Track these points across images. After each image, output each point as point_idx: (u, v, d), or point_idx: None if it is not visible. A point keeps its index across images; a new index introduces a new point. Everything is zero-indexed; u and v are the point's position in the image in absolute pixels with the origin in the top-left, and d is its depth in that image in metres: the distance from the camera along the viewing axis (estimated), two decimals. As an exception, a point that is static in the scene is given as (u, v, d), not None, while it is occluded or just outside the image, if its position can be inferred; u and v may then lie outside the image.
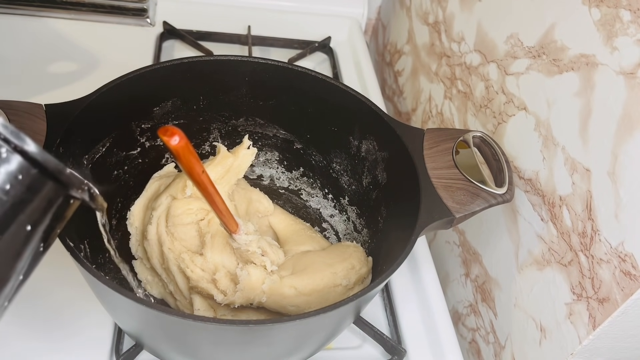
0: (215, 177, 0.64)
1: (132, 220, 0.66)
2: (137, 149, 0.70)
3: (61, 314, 0.62)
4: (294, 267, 0.62)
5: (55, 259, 0.64)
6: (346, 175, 0.75)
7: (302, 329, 0.51)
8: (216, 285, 0.59)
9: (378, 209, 0.70)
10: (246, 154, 0.66)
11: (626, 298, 0.50)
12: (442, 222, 0.57)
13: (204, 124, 0.74)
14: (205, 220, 0.63)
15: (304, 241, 0.68)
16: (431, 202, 0.58)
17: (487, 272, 0.74)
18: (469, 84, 0.80)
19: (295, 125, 0.75)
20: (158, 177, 0.70)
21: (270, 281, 0.59)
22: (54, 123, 0.56)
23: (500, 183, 0.61)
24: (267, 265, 0.59)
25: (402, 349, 0.64)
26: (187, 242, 0.62)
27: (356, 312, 0.58)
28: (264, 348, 0.53)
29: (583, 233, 0.56)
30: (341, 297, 0.62)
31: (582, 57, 0.57)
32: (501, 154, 0.63)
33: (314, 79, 0.69)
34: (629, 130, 0.50)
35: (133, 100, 0.65)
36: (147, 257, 0.64)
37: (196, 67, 0.67)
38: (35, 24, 0.97)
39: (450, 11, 0.87)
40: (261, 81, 0.70)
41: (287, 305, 0.60)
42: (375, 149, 0.68)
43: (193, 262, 0.60)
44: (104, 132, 0.64)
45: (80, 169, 0.61)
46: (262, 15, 1.06)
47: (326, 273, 0.61)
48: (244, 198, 0.69)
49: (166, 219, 0.62)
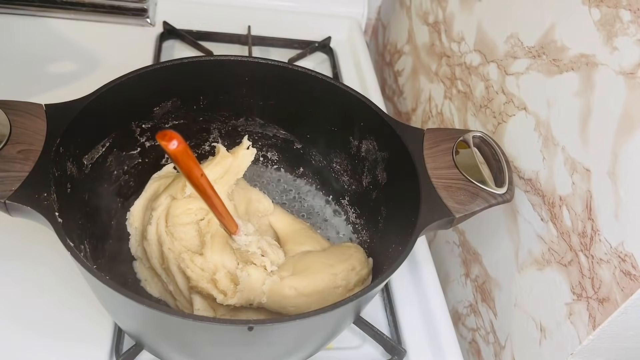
0: (215, 177, 0.64)
1: (132, 221, 0.66)
2: (137, 149, 0.70)
3: (61, 314, 0.62)
4: (294, 267, 0.62)
5: (55, 258, 0.65)
6: (346, 175, 0.75)
7: (302, 328, 0.51)
8: (216, 285, 0.59)
9: (378, 209, 0.70)
10: (245, 154, 0.66)
11: (626, 298, 0.50)
12: (442, 222, 0.57)
13: (204, 124, 0.74)
14: (205, 220, 0.63)
15: (305, 241, 0.68)
16: (431, 202, 0.58)
17: (487, 272, 0.74)
18: (469, 84, 0.80)
19: (295, 125, 0.75)
20: (157, 178, 0.69)
21: (271, 282, 0.59)
22: (54, 123, 0.56)
23: (500, 183, 0.61)
24: (267, 265, 0.59)
25: (402, 349, 0.64)
26: (187, 242, 0.62)
27: (356, 312, 0.58)
28: (264, 348, 0.53)
29: (583, 233, 0.56)
30: (341, 298, 0.61)
31: (582, 57, 0.56)
32: (501, 154, 0.63)
33: (314, 79, 0.69)
34: (629, 130, 0.50)
35: (133, 101, 0.65)
36: (147, 257, 0.64)
37: (196, 67, 0.67)
38: (35, 24, 0.97)
39: (450, 11, 0.87)
40: (261, 81, 0.70)
41: (287, 306, 0.60)
42: (375, 149, 0.68)
43: (193, 262, 0.60)
44: (104, 132, 0.64)
45: (81, 169, 0.61)
46: (262, 15, 1.06)
47: (326, 274, 0.61)
48: (244, 198, 0.69)
49: (166, 219, 0.62)
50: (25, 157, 0.53)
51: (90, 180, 0.63)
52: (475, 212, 0.58)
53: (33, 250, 0.67)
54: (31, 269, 0.65)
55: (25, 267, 0.66)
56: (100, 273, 0.47)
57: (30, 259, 0.66)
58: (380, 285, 0.52)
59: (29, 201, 0.50)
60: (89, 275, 0.46)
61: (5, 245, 0.67)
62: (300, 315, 0.47)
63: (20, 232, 0.67)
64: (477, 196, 0.59)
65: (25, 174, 0.52)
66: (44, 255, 0.66)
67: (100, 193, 0.66)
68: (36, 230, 0.55)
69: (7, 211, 0.51)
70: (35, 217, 0.51)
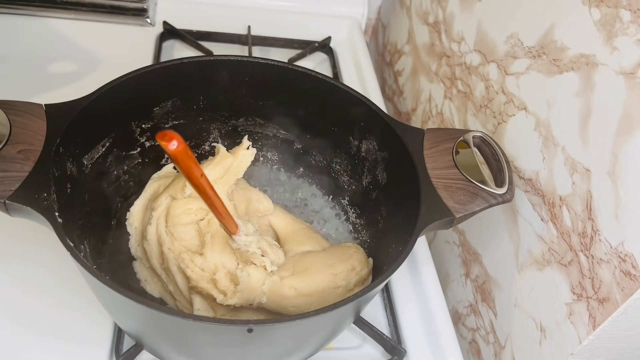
0: (215, 177, 0.64)
1: (132, 221, 0.66)
2: (137, 149, 0.70)
3: (61, 314, 0.62)
4: (294, 267, 0.62)
5: (55, 259, 0.65)
6: (346, 175, 0.75)
7: (302, 328, 0.51)
8: (216, 285, 0.59)
9: (378, 209, 0.70)
10: (245, 154, 0.66)
11: (626, 298, 0.50)
12: (442, 222, 0.57)
13: (203, 124, 0.74)
14: (205, 220, 0.63)
15: (305, 241, 0.68)
16: (431, 202, 0.58)
17: (487, 272, 0.74)
18: (469, 84, 0.80)
19: (295, 125, 0.75)
20: (157, 178, 0.69)
21: (271, 282, 0.59)
22: (54, 123, 0.56)
23: (500, 183, 0.61)
24: (267, 265, 0.59)
25: (402, 349, 0.64)
26: (187, 242, 0.62)
27: (356, 312, 0.58)
28: (264, 348, 0.53)
29: (583, 233, 0.56)
30: (341, 298, 0.61)
31: (582, 57, 0.56)
32: (501, 154, 0.63)
33: (314, 79, 0.69)
34: (629, 130, 0.50)
35: (133, 101, 0.65)
36: (147, 257, 0.64)
37: (196, 67, 0.67)
38: (35, 24, 0.97)
39: (450, 11, 0.87)
40: (261, 81, 0.70)
41: (287, 306, 0.60)
42: (375, 149, 0.68)
43: (193, 262, 0.60)
44: (104, 132, 0.64)
45: (80, 169, 0.61)
46: (262, 15, 1.06)
47: (327, 274, 0.61)
48: (244, 198, 0.69)
49: (166, 219, 0.62)
50: (25, 157, 0.53)
51: (90, 180, 0.63)
52: (475, 212, 0.58)
53: (33, 250, 0.67)
54: (31, 269, 0.65)
55: (25, 267, 0.66)
56: (100, 273, 0.47)
57: (30, 259, 0.66)
58: (381, 285, 0.52)
59: (28, 201, 0.50)
60: (89, 275, 0.46)
61: (5, 245, 0.67)
62: (301, 316, 0.47)
63: (20, 232, 0.67)
64: (477, 196, 0.59)
65: (25, 174, 0.51)
66: (43, 255, 0.66)
67: (100, 193, 0.66)
68: (36, 230, 0.55)
69: (7, 211, 0.51)
70: (35, 217, 0.51)
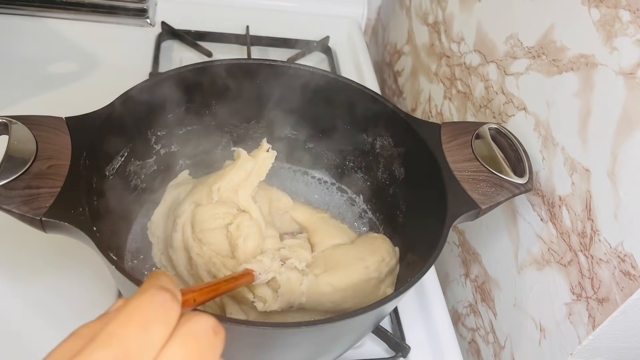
0: (238, 180, 0.64)
1: (154, 230, 0.66)
2: (152, 157, 0.69)
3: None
4: (325, 264, 0.62)
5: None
6: (360, 172, 0.75)
7: (339, 328, 0.50)
8: (253, 292, 0.58)
9: (397, 204, 0.70)
10: (266, 157, 0.66)
11: (626, 298, 0.50)
12: (470, 215, 0.58)
13: (216, 129, 0.74)
14: (234, 224, 0.62)
15: (330, 231, 0.68)
16: (457, 195, 0.58)
17: (487, 272, 0.75)
18: (469, 84, 0.80)
19: (307, 125, 0.76)
20: (175, 185, 0.70)
21: (308, 281, 0.59)
22: (77, 135, 0.55)
23: (520, 173, 0.61)
24: (297, 264, 0.60)
25: (407, 346, 0.64)
26: (216, 247, 0.61)
27: (389, 310, 0.58)
28: (308, 348, 0.52)
29: (582, 233, 0.56)
30: (374, 290, 0.62)
31: (581, 57, 0.57)
32: (518, 144, 0.64)
33: (325, 78, 0.69)
34: (629, 131, 0.50)
35: (149, 109, 0.65)
36: (173, 265, 0.63)
37: (207, 71, 0.67)
38: (35, 24, 0.97)
39: (450, 11, 0.87)
40: (272, 83, 0.70)
41: (325, 302, 0.60)
42: (391, 145, 0.69)
43: (225, 265, 0.59)
44: (123, 142, 0.64)
45: (103, 180, 0.60)
46: (260, 15, 1.07)
47: (359, 267, 0.62)
48: (265, 198, 0.70)
49: (192, 225, 0.62)
50: (55, 172, 0.51)
51: (112, 190, 0.62)
52: (500, 202, 0.59)
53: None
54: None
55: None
56: (133, 276, 0.45)
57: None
58: (422, 277, 0.51)
59: (65, 217, 0.48)
60: (134, 286, 0.45)
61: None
62: (339, 317, 0.46)
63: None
64: (501, 187, 0.59)
65: (58, 190, 0.50)
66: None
67: (121, 202, 0.65)
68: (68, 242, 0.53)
69: (42, 229, 0.49)
70: (71, 232, 0.49)
